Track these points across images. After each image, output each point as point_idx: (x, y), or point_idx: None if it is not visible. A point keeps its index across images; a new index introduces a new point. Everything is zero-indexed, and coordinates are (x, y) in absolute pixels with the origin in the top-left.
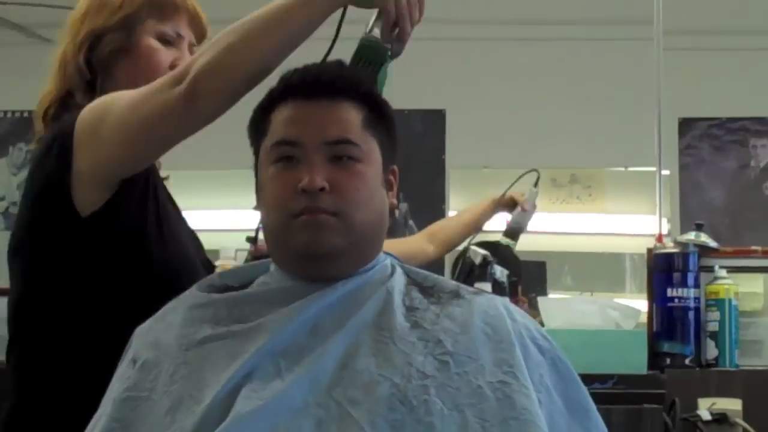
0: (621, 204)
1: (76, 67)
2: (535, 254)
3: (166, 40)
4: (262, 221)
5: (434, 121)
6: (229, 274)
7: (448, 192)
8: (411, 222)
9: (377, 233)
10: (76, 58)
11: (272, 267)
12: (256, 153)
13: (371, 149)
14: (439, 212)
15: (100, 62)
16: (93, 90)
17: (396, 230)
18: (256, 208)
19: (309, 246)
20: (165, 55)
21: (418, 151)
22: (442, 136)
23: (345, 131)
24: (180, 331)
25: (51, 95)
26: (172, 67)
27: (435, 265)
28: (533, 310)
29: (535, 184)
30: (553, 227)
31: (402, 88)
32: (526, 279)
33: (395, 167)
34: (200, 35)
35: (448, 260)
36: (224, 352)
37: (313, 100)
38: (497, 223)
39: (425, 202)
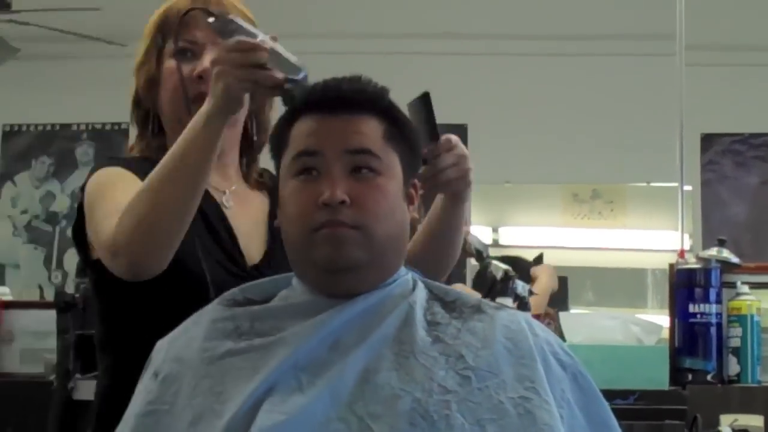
0: (643, 219)
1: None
2: (557, 270)
3: (185, 55)
4: (283, 236)
5: (456, 135)
6: (251, 288)
7: (469, 206)
8: None
9: (398, 247)
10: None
11: (294, 281)
12: (277, 168)
13: (392, 162)
14: None
15: (143, 99)
16: (144, 127)
17: None
18: (278, 222)
19: (330, 260)
20: (184, 70)
21: None
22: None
23: (366, 142)
24: (202, 344)
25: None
26: (195, 75)
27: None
28: (554, 324)
29: None
30: (575, 242)
31: None
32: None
33: (416, 181)
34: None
35: (470, 275)
36: (246, 366)
37: (333, 113)
38: (516, 238)
39: None
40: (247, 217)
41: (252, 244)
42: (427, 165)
